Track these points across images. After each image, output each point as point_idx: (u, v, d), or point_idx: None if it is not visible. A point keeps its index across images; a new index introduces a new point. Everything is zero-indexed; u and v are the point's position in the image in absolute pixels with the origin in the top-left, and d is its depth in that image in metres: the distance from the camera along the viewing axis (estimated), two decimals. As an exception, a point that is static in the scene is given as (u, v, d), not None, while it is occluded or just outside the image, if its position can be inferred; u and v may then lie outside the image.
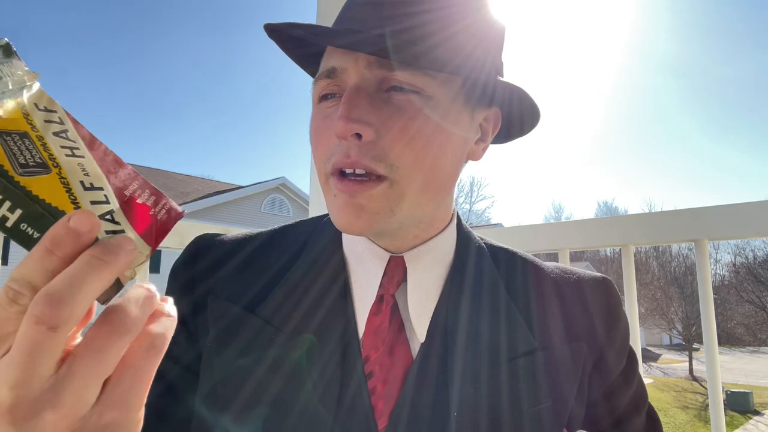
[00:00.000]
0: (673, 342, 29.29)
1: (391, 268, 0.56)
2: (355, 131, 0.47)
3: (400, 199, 0.50)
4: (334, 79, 0.51)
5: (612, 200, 59.95)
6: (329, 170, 0.51)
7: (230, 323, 0.56)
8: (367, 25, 0.51)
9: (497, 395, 0.51)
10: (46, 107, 0.32)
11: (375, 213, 0.50)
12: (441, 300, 0.56)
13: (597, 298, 0.62)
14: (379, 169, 0.49)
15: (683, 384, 18.36)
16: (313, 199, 1.42)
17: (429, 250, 0.57)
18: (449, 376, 0.52)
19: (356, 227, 0.50)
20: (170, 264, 0.65)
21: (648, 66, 66.33)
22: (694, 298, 21.23)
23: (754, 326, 25.58)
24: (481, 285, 0.58)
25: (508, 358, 0.53)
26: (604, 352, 0.59)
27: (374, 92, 0.50)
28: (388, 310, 0.55)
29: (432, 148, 0.50)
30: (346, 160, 0.49)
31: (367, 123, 0.48)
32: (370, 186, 0.49)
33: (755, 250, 27.34)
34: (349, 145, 0.48)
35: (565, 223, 1.28)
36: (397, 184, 0.50)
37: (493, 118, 0.59)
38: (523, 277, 0.61)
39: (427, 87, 0.50)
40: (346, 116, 0.47)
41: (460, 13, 0.53)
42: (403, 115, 0.49)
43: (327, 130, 0.51)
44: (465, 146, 0.56)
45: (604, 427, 0.60)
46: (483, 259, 0.60)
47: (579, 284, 0.62)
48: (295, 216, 16.86)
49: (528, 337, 0.55)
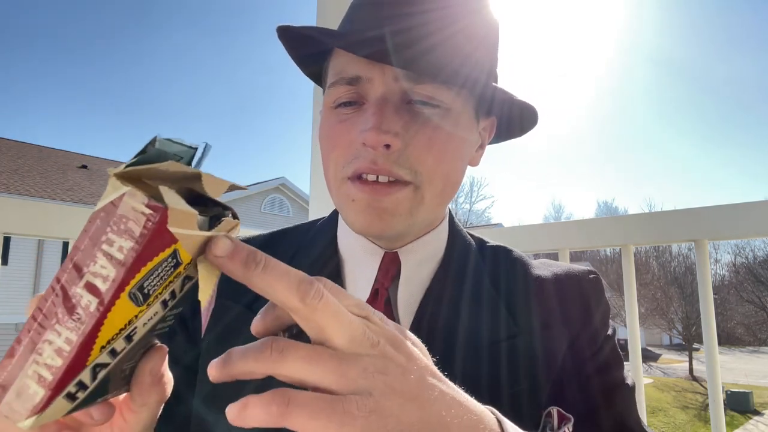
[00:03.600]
0: (673, 342, 29.30)
1: (386, 263, 0.58)
2: (386, 142, 0.50)
3: (420, 204, 0.53)
4: (356, 87, 0.53)
5: (612, 200, 59.88)
6: (347, 174, 0.53)
7: (230, 322, 0.57)
8: (382, 28, 0.52)
9: (476, 378, 0.52)
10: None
11: (397, 216, 0.52)
12: (427, 293, 0.58)
13: (581, 286, 0.63)
14: (403, 175, 0.51)
15: (683, 384, 18.37)
16: (313, 199, 1.42)
17: (422, 245, 0.59)
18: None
19: (377, 229, 0.52)
20: None
21: (648, 66, 66.50)
22: (694, 298, 21.23)
23: (754, 326, 25.60)
24: (466, 277, 0.60)
25: (489, 343, 0.55)
26: (582, 334, 0.60)
27: (399, 103, 0.52)
28: (382, 303, 0.56)
29: (449, 156, 0.54)
30: (372, 166, 0.51)
31: (396, 134, 0.50)
32: (395, 189, 0.51)
33: (755, 250, 27.38)
34: (377, 153, 0.50)
35: (565, 223, 1.28)
36: (420, 190, 0.53)
37: (489, 127, 0.63)
38: (508, 269, 0.63)
39: (446, 99, 0.52)
40: (378, 127, 0.49)
41: (464, 19, 0.54)
42: (427, 126, 0.52)
43: (345, 134, 0.53)
44: (470, 154, 0.59)
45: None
46: (469, 254, 0.63)
47: (563, 275, 0.64)
48: (295, 216, 16.88)
49: (509, 323, 0.56)
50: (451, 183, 0.56)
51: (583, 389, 0.58)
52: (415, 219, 0.54)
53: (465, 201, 35.54)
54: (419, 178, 0.52)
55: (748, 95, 62.48)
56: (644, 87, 68.29)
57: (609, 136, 75.13)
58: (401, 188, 0.51)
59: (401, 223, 0.53)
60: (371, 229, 0.52)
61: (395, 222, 0.52)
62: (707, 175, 74.28)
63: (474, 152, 0.61)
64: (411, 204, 0.52)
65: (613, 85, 68.15)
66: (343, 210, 0.55)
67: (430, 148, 0.52)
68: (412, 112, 0.52)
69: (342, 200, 0.54)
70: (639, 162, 74.32)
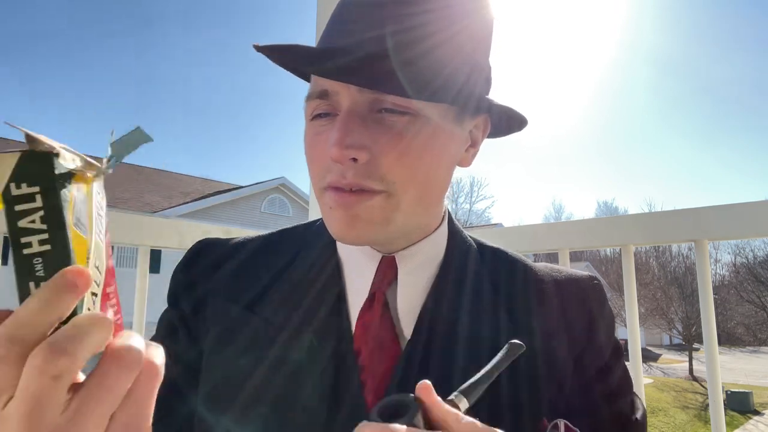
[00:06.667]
0: (673, 342, 29.32)
1: (383, 268, 0.58)
2: (351, 156, 0.49)
3: (395, 210, 0.52)
4: (326, 100, 0.52)
5: (612, 200, 59.96)
6: (324, 186, 0.53)
7: (230, 323, 0.58)
8: (357, 36, 0.51)
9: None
10: (99, 191, 0.36)
11: (371, 223, 0.52)
12: (428, 297, 0.58)
13: (580, 294, 0.63)
14: (374, 186, 0.51)
15: (683, 384, 18.38)
16: (313, 200, 1.42)
17: (420, 250, 0.59)
18: (433, 369, 0.53)
19: (351, 237, 0.52)
20: (170, 264, 0.66)
21: (648, 65, 66.46)
22: (694, 298, 21.23)
23: (754, 326, 25.60)
24: (466, 282, 0.59)
25: (490, 349, 0.54)
26: (587, 345, 0.60)
27: (367, 113, 0.51)
28: (379, 307, 0.56)
29: (424, 164, 0.52)
30: (342, 180, 0.50)
31: (361, 147, 0.49)
32: (367, 197, 0.51)
33: (755, 250, 27.40)
34: (345, 167, 0.50)
35: (565, 223, 1.28)
36: (393, 197, 0.51)
37: (482, 125, 0.61)
38: (509, 273, 0.62)
39: (417, 105, 0.51)
40: (340, 143, 0.48)
41: (447, 26, 0.52)
42: (396, 136, 0.50)
43: (321, 146, 0.53)
44: (456, 156, 0.58)
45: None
46: (470, 258, 0.62)
47: (565, 281, 0.63)
48: (295, 216, 16.87)
49: (510, 330, 0.56)
50: (431, 188, 0.55)
51: (590, 414, 0.58)
52: (394, 225, 0.53)
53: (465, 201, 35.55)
54: (392, 187, 0.51)
55: (748, 95, 62.52)
56: (644, 87, 68.33)
57: (609, 135, 75.17)
58: (371, 196, 0.51)
59: (377, 230, 0.52)
60: (346, 236, 0.52)
61: (369, 230, 0.52)
62: (707, 175, 74.33)
63: (463, 152, 0.59)
64: (384, 211, 0.51)
65: (613, 85, 68.20)
66: (325, 218, 0.55)
67: (401, 158, 0.50)
68: (380, 122, 0.51)
69: (323, 209, 0.55)
70: (639, 162, 74.38)
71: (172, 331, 0.62)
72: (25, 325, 0.29)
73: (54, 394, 0.28)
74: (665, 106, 70.20)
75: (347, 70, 0.48)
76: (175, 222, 1.26)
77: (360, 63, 0.48)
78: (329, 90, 0.51)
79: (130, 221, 1.17)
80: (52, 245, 0.31)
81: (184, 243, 1.23)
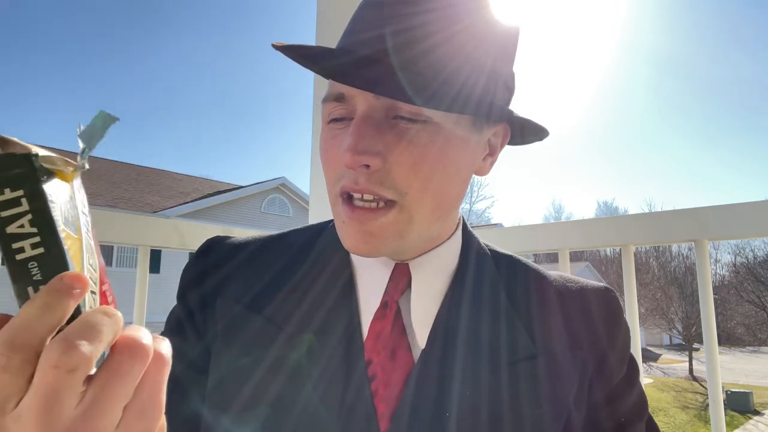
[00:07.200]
0: (673, 342, 29.29)
1: (397, 275, 0.57)
2: (364, 162, 0.48)
3: (408, 224, 0.51)
4: (343, 103, 0.52)
5: (612, 200, 59.96)
6: (338, 191, 0.52)
7: (238, 322, 0.57)
8: (373, 47, 0.50)
9: (496, 399, 0.52)
10: (80, 188, 0.35)
11: (384, 239, 0.51)
12: (443, 306, 0.57)
13: (599, 307, 0.62)
14: (387, 195, 0.50)
15: (683, 384, 18.37)
16: (313, 199, 1.42)
17: (434, 258, 0.58)
18: (449, 380, 0.53)
19: (364, 251, 0.52)
20: (170, 264, 0.66)
21: (649, 65, 66.41)
22: (694, 298, 21.23)
23: (754, 326, 25.59)
24: (482, 291, 0.58)
25: (508, 363, 0.54)
26: (605, 359, 0.59)
27: (382, 119, 0.50)
28: (392, 315, 0.56)
29: (439, 173, 0.51)
30: (354, 186, 0.50)
31: (375, 153, 0.48)
32: (380, 213, 0.50)
33: (755, 250, 27.39)
34: (358, 173, 0.50)
35: (565, 223, 1.28)
36: (406, 210, 0.51)
37: (501, 132, 0.59)
38: (525, 284, 0.61)
39: (433, 115, 0.50)
40: (354, 148, 0.48)
41: (469, 35, 0.52)
42: (411, 143, 0.50)
43: (335, 150, 0.52)
44: (472, 165, 0.57)
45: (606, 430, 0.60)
46: (485, 266, 0.61)
47: (581, 293, 0.63)
48: (295, 216, 16.87)
49: (527, 342, 0.55)
50: (445, 200, 0.54)
51: (615, 421, 0.59)
52: (408, 237, 0.52)
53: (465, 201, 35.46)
54: (405, 198, 0.50)
55: (748, 95, 62.46)
56: (644, 87, 68.27)
57: (609, 135, 75.10)
58: (386, 211, 0.50)
59: (390, 244, 0.52)
60: (359, 251, 0.52)
61: (383, 245, 0.51)
62: (707, 175, 74.26)
63: (480, 161, 0.58)
64: (398, 226, 0.51)
65: (613, 85, 68.13)
66: (338, 229, 0.54)
67: (416, 168, 0.50)
68: (396, 130, 0.50)
69: (336, 218, 0.54)
70: (639, 162, 74.31)
71: (179, 327, 0.61)
72: (25, 330, 0.29)
73: (70, 387, 0.29)
74: (665, 107, 70.20)
75: (366, 82, 0.47)
76: (175, 222, 1.25)
77: (379, 74, 0.48)
78: (345, 94, 0.51)
79: (130, 221, 1.17)
80: (45, 248, 0.30)
81: (184, 243, 1.23)
